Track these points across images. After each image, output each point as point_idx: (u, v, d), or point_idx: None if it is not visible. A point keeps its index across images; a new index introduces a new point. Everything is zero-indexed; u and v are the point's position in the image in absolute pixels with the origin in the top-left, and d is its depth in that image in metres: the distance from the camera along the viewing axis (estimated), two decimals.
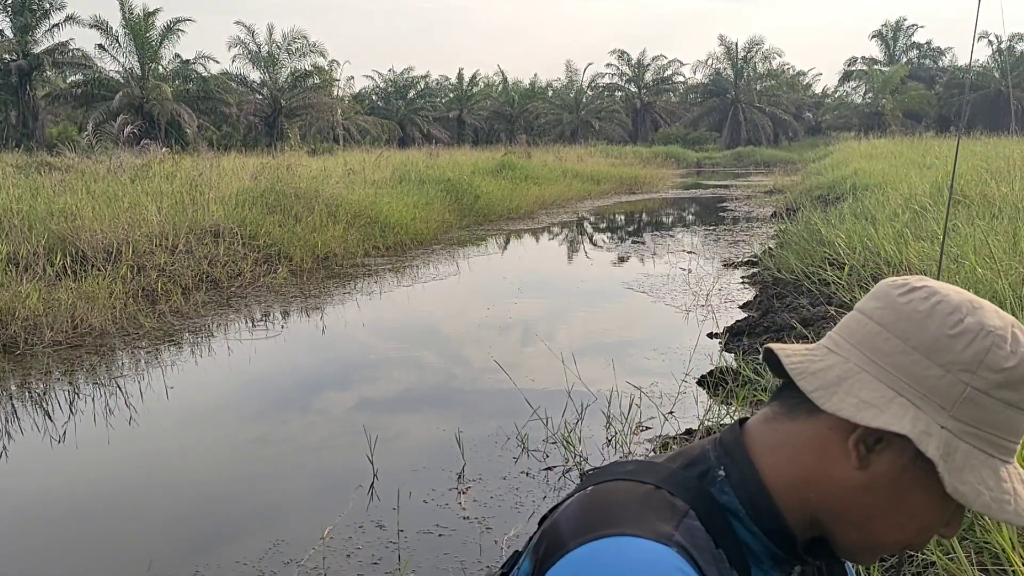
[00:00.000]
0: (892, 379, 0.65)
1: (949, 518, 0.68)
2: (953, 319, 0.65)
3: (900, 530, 0.67)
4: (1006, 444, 0.65)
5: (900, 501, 0.66)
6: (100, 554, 3.33)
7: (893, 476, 0.66)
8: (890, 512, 0.67)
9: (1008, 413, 0.65)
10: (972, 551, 2.19)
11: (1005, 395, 0.64)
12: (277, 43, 35.51)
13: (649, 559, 0.60)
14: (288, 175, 13.55)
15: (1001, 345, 0.64)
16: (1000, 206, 7.05)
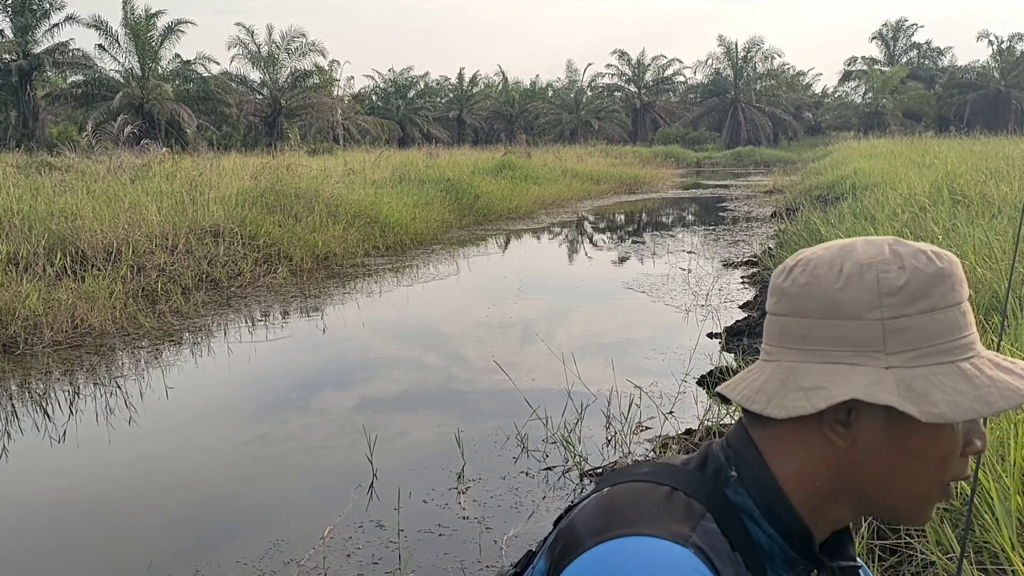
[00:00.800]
0: (823, 355, 0.66)
1: (965, 435, 0.67)
2: (832, 275, 0.66)
3: (923, 475, 0.67)
4: (954, 344, 0.65)
5: (904, 452, 0.66)
6: (100, 554, 3.33)
7: (882, 435, 0.66)
8: (903, 466, 0.66)
9: (933, 318, 0.65)
10: (972, 551, 2.19)
11: (919, 306, 0.65)
12: (276, 43, 35.53)
13: (666, 559, 0.60)
14: (288, 175, 13.55)
15: (886, 270, 0.65)
16: (999, 206, 7.04)
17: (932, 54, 54.65)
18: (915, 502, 0.68)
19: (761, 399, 0.68)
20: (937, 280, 0.66)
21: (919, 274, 0.66)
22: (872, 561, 2.46)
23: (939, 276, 0.67)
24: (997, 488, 2.14)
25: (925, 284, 0.66)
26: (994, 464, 2.27)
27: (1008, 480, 2.19)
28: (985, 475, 2.21)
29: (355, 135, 37.48)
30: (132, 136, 20.79)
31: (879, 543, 2.52)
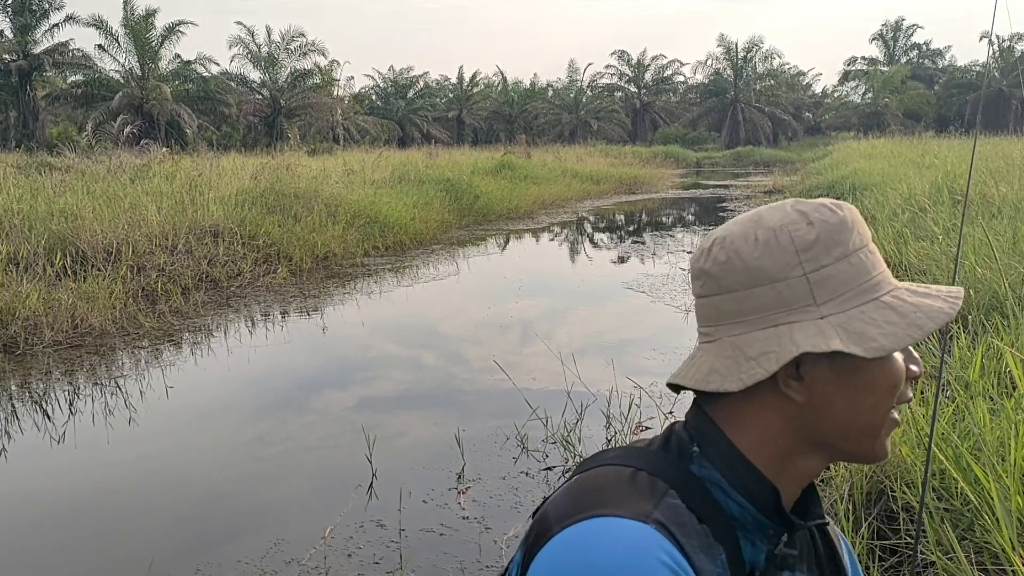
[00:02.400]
0: (760, 322, 0.69)
1: (903, 362, 0.71)
2: (749, 245, 0.70)
3: (878, 408, 0.70)
4: (872, 282, 0.70)
5: (856, 391, 0.70)
6: (101, 554, 3.33)
7: (833, 380, 0.69)
8: (858, 404, 0.70)
9: (848, 262, 0.70)
10: (972, 551, 2.19)
11: (834, 254, 0.69)
12: (276, 43, 35.52)
13: (628, 537, 0.61)
14: (287, 175, 13.54)
15: (797, 229, 0.70)
16: (999, 206, 7.04)
17: (932, 54, 54.67)
18: (872, 437, 0.71)
19: (715, 379, 0.70)
20: (843, 228, 0.71)
21: (826, 226, 0.70)
22: (872, 561, 2.45)
23: (843, 224, 0.71)
24: (997, 488, 2.14)
25: (833, 233, 0.70)
26: (994, 464, 2.27)
27: (1008, 480, 2.18)
28: (985, 475, 2.21)
29: (355, 135, 37.47)
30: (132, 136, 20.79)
31: (879, 543, 2.52)
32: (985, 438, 2.40)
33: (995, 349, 3.09)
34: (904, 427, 2.70)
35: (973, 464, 2.25)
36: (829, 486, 2.80)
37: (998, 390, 2.90)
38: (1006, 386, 2.93)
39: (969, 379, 2.98)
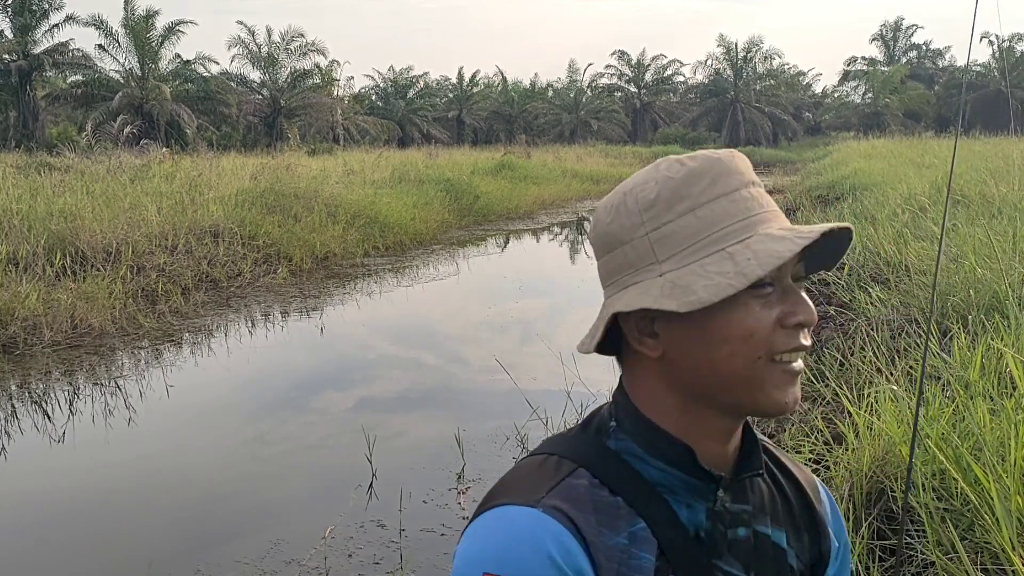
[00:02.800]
0: (618, 284, 0.72)
1: (783, 308, 0.70)
2: (605, 212, 0.73)
3: (737, 355, 0.69)
4: (725, 231, 0.69)
5: (708, 341, 0.69)
6: (101, 554, 3.33)
7: (683, 333, 0.70)
8: (714, 353, 0.69)
9: (695, 215, 0.70)
10: (972, 551, 2.19)
11: (677, 209, 0.70)
12: (276, 43, 35.51)
13: (510, 524, 0.64)
14: (287, 175, 13.55)
15: (641, 189, 0.71)
16: (999, 206, 7.04)
17: (932, 54, 54.67)
18: (755, 388, 0.70)
19: (586, 341, 0.74)
20: (690, 181, 0.71)
21: (669, 182, 0.71)
22: (872, 562, 2.46)
23: (691, 176, 0.71)
24: (997, 488, 2.14)
25: (677, 188, 0.71)
26: (994, 464, 2.27)
27: (1008, 480, 2.18)
28: (985, 475, 2.21)
29: (354, 135, 37.46)
30: (132, 136, 20.79)
31: (879, 543, 2.52)
32: (985, 438, 2.40)
33: (995, 349, 3.09)
34: (904, 427, 2.70)
35: (973, 464, 2.25)
36: (829, 486, 2.80)
37: (998, 390, 2.89)
38: (1006, 386, 2.93)
39: (969, 379, 2.97)
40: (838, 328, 4.88)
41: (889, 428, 2.66)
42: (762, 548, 0.75)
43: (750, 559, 0.74)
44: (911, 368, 3.44)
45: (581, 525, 0.65)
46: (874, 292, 5.06)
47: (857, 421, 2.87)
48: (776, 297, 0.70)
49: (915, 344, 3.75)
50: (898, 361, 3.53)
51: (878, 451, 2.67)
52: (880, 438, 2.70)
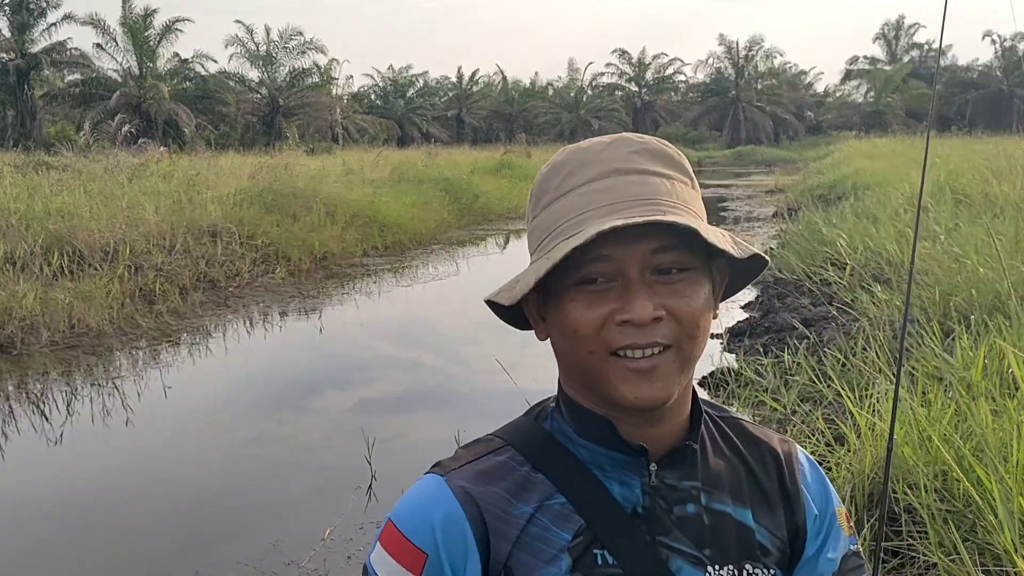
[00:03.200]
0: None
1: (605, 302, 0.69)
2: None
3: (576, 349, 0.71)
4: (571, 223, 0.70)
5: (559, 332, 0.72)
6: (100, 555, 3.31)
7: (552, 323, 0.73)
8: (561, 346, 0.73)
9: (550, 210, 0.72)
10: (975, 552, 2.17)
11: (543, 203, 0.73)
12: (275, 41, 35.48)
13: (424, 485, 0.73)
14: (286, 174, 13.53)
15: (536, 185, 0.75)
16: (1002, 206, 7.02)
17: (934, 53, 54.58)
18: (596, 379, 0.71)
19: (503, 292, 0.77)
20: (550, 175, 0.73)
21: (540, 177, 0.74)
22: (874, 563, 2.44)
23: (552, 171, 0.74)
24: (1000, 489, 2.12)
25: (542, 182, 0.74)
26: (996, 465, 2.25)
27: (1010, 481, 2.16)
28: (988, 476, 2.19)
29: (353, 134, 37.43)
30: (130, 135, 20.76)
31: (880, 544, 2.50)
32: (987, 439, 2.38)
33: (997, 350, 3.07)
34: (905, 428, 2.68)
35: (975, 465, 2.23)
36: None
37: (1000, 391, 2.88)
38: (1008, 387, 2.91)
39: (971, 380, 2.96)
40: (840, 328, 4.86)
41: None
42: (721, 526, 0.73)
43: (703, 537, 0.72)
44: (913, 369, 3.41)
45: (479, 496, 0.70)
46: (876, 292, 5.03)
47: (859, 422, 2.85)
48: (616, 293, 0.69)
49: (917, 344, 3.73)
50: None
51: (880, 452, 2.65)
52: (882, 439, 2.68)
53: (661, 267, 0.70)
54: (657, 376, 0.69)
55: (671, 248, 0.70)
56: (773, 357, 4.60)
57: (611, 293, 0.69)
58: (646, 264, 0.70)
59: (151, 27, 30.93)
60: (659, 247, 0.70)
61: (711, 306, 0.73)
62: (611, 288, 0.69)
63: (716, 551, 0.73)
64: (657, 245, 0.69)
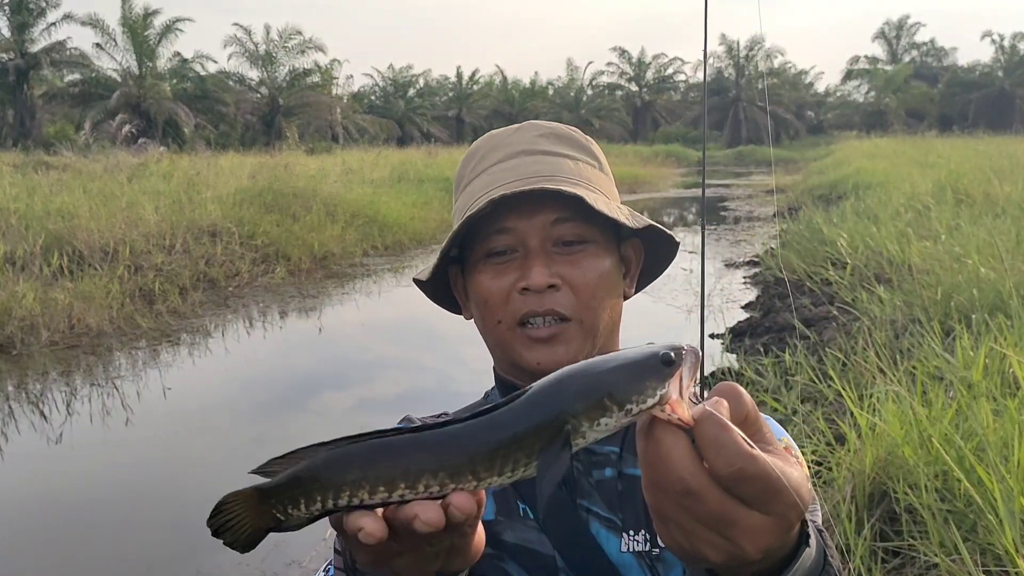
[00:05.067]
0: None
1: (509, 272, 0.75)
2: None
3: (487, 318, 0.77)
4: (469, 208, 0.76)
5: (475, 307, 0.79)
6: (101, 555, 3.30)
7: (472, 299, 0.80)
8: (477, 318, 0.80)
9: (465, 191, 0.79)
10: (975, 553, 2.16)
11: (460, 187, 0.81)
12: (275, 41, 35.48)
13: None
14: (286, 174, 13.52)
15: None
16: (1003, 206, 7.02)
17: (935, 53, 54.57)
18: (506, 349, 0.77)
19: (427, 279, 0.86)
20: (467, 160, 0.81)
21: (460, 162, 0.82)
22: (875, 563, 2.43)
23: (468, 156, 0.80)
24: (1001, 489, 2.11)
25: (460, 167, 0.81)
26: (997, 465, 2.24)
27: (1012, 481, 2.15)
28: (989, 476, 2.19)
29: (353, 134, 37.44)
30: (129, 135, 20.77)
31: (881, 545, 2.49)
32: (988, 439, 2.37)
33: (998, 350, 3.06)
34: (906, 428, 2.67)
35: (976, 465, 2.22)
36: (831, 487, 2.77)
37: (1001, 390, 2.87)
38: (1009, 386, 2.90)
39: (972, 379, 2.95)
40: (841, 328, 4.85)
41: (892, 429, 2.63)
42: (635, 491, 0.74)
43: (616, 501, 0.74)
44: (914, 369, 3.41)
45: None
46: (877, 292, 5.03)
47: (859, 422, 2.85)
48: (518, 263, 0.74)
49: (918, 344, 3.72)
50: (901, 361, 3.50)
51: (880, 452, 2.64)
52: (883, 439, 2.67)
53: (562, 239, 0.75)
54: (558, 343, 0.74)
55: (569, 219, 0.74)
56: (773, 357, 4.60)
57: (514, 264, 0.74)
58: (546, 235, 0.75)
59: (151, 27, 30.93)
60: (557, 218, 0.74)
61: (613, 281, 0.77)
62: (514, 259, 0.74)
63: (630, 516, 0.74)
64: (555, 216, 0.74)
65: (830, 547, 0.56)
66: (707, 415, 0.45)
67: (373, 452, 0.49)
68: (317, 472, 0.51)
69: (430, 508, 0.48)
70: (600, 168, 0.84)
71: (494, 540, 0.73)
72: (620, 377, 0.46)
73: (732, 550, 0.46)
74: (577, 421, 0.46)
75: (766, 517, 0.45)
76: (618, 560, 0.72)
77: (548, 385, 0.47)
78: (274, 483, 0.53)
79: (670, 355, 0.46)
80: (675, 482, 0.45)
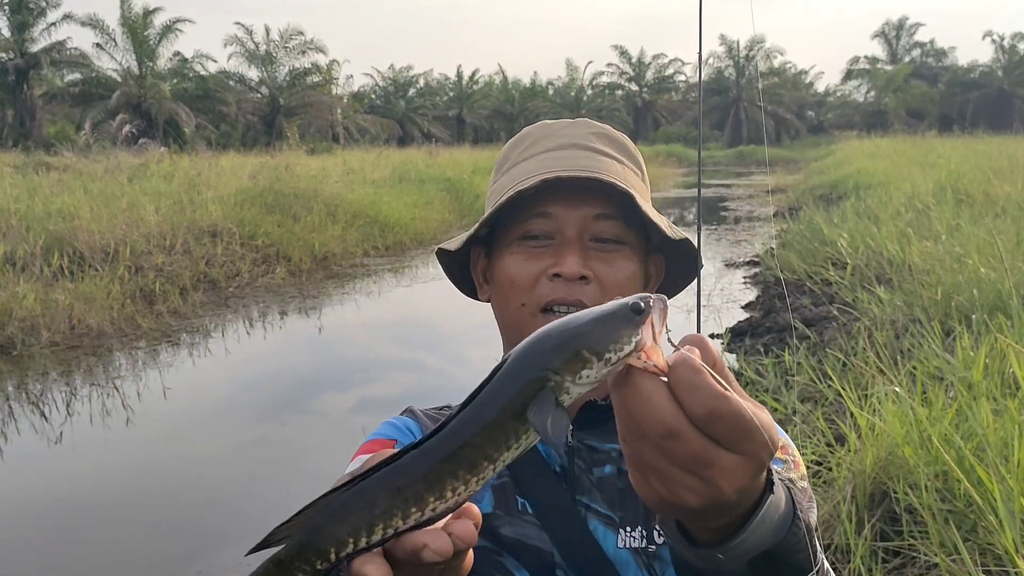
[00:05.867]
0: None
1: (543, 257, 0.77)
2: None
3: (507, 302, 0.78)
4: (513, 186, 0.77)
5: (496, 288, 0.81)
6: (101, 555, 3.30)
7: (493, 281, 0.81)
8: (500, 295, 0.80)
9: (507, 175, 0.80)
10: (975, 553, 2.16)
11: (503, 169, 0.82)
12: (275, 41, 35.48)
13: (397, 418, 0.84)
14: (287, 174, 13.52)
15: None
16: (1003, 205, 7.01)
17: (935, 52, 54.53)
18: (525, 333, 0.76)
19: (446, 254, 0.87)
20: (515, 144, 0.82)
21: (506, 146, 0.84)
22: (875, 563, 2.43)
23: (517, 140, 0.82)
24: (1001, 489, 2.11)
25: (506, 150, 0.83)
26: (998, 465, 2.24)
27: (1012, 481, 2.15)
28: (989, 476, 2.18)
29: (354, 134, 37.45)
30: (130, 135, 20.78)
31: (881, 545, 2.49)
32: (988, 439, 2.37)
33: (998, 349, 3.06)
34: (906, 428, 2.67)
35: (976, 465, 2.22)
36: (832, 488, 2.77)
37: (1001, 391, 2.87)
38: (1009, 386, 2.90)
39: (972, 380, 2.94)
40: (841, 328, 4.85)
41: (892, 429, 2.63)
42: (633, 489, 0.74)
43: (616, 499, 0.74)
44: (914, 369, 3.40)
45: (424, 423, 0.82)
46: (877, 292, 5.02)
47: (859, 422, 2.84)
48: (552, 251, 0.75)
49: (918, 344, 3.72)
50: (901, 361, 3.50)
51: (881, 452, 2.64)
52: (883, 439, 2.67)
53: (599, 235, 0.75)
54: None
55: (611, 217, 0.75)
56: (774, 357, 4.59)
57: (548, 250, 0.75)
58: (585, 228, 0.75)
59: (151, 26, 30.93)
60: (600, 213, 0.75)
61: (636, 288, 0.77)
62: (549, 245, 0.75)
63: (628, 513, 0.74)
64: (599, 211, 0.74)
65: (801, 506, 0.56)
66: (682, 359, 0.46)
67: (391, 476, 0.48)
68: (342, 515, 0.50)
69: (439, 538, 0.48)
70: (642, 178, 0.83)
71: (492, 535, 0.74)
72: (594, 328, 0.46)
73: (710, 492, 0.47)
74: (560, 377, 0.46)
75: (740, 456, 0.46)
76: (615, 556, 0.73)
77: (524, 348, 0.48)
78: (296, 544, 0.52)
79: (640, 303, 0.47)
80: (656, 424, 0.45)
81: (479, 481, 0.48)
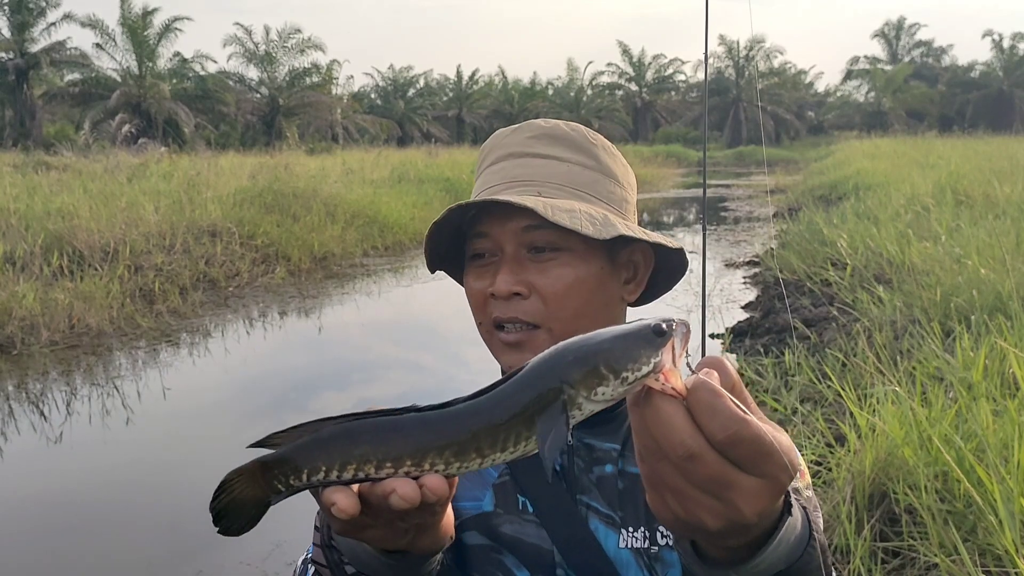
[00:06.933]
0: None
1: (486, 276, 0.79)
2: None
3: (474, 316, 0.82)
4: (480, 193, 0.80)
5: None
6: (101, 555, 3.30)
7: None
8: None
9: (476, 185, 0.82)
10: (975, 553, 2.16)
11: (478, 171, 0.85)
12: (274, 41, 35.46)
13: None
14: (286, 174, 13.52)
15: None
16: (1003, 206, 7.02)
17: (935, 53, 54.55)
18: (488, 347, 0.80)
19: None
20: (479, 156, 0.84)
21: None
22: (875, 564, 2.43)
23: (479, 153, 0.84)
24: (1001, 490, 2.11)
25: (480, 152, 0.84)
26: (997, 466, 2.24)
27: (1012, 482, 2.15)
28: (989, 477, 2.19)
29: (354, 134, 37.44)
30: (129, 135, 20.77)
31: (881, 545, 2.49)
32: (988, 440, 2.37)
33: (998, 350, 3.06)
34: (906, 428, 2.67)
35: (976, 466, 2.22)
36: (831, 488, 2.77)
37: (1001, 391, 2.87)
38: (1009, 387, 2.90)
39: (972, 380, 2.95)
40: (841, 328, 4.85)
41: (891, 430, 2.63)
42: (635, 489, 0.74)
43: (617, 499, 0.74)
44: (914, 369, 3.41)
45: None
46: (877, 292, 5.02)
47: (859, 422, 2.85)
48: (494, 268, 0.76)
49: (918, 345, 3.72)
50: (901, 362, 3.50)
51: (880, 453, 2.64)
52: (883, 440, 2.67)
53: (535, 245, 0.75)
54: (526, 349, 0.74)
55: (539, 227, 0.74)
56: (774, 357, 4.60)
57: (491, 268, 0.76)
58: (520, 241, 0.75)
59: (150, 26, 30.91)
60: (529, 225, 0.74)
61: (592, 289, 0.75)
62: (494, 262, 0.76)
63: (629, 513, 0.74)
64: (527, 223, 0.74)
65: (816, 524, 0.56)
66: (701, 382, 0.46)
67: (382, 429, 0.50)
68: (325, 444, 0.52)
69: (407, 484, 0.50)
70: (598, 169, 0.80)
71: (492, 533, 0.74)
72: (615, 346, 0.47)
73: (729, 514, 0.46)
74: (574, 390, 0.46)
75: (759, 480, 0.46)
76: (616, 556, 0.73)
77: (545, 357, 0.48)
78: (279, 454, 0.54)
79: (662, 326, 0.47)
80: (677, 446, 0.45)
81: (460, 469, 0.49)
